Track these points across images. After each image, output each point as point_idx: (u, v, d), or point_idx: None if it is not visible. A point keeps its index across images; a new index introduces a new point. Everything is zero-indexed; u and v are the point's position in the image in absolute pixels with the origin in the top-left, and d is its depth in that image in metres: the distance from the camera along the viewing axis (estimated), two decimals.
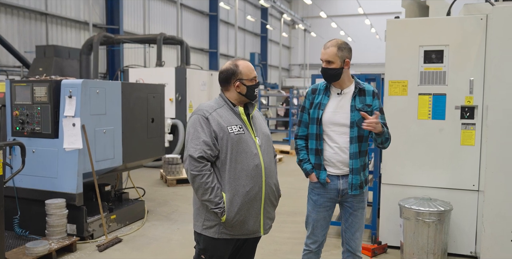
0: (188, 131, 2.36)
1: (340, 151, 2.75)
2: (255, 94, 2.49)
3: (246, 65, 2.45)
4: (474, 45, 3.82)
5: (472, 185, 3.93)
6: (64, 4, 12.87)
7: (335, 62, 2.70)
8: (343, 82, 2.78)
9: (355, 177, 2.76)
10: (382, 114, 2.81)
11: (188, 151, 2.29)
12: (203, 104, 2.44)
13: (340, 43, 2.75)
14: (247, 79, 2.42)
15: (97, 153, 4.45)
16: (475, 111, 3.88)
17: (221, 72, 2.47)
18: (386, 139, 2.77)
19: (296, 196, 6.51)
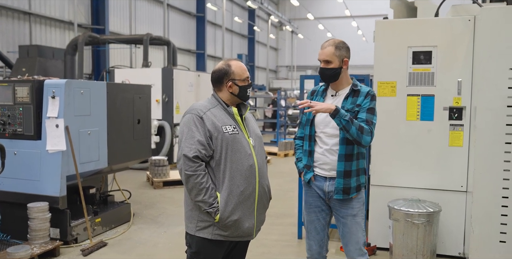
0: (181, 131, 2.32)
1: (327, 153, 2.71)
2: (247, 95, 2.46)
3: (239, 65, 2.42)
4: (462, 46, 3.83)
5: (460, 186, 3.94)
6: (48, 4, 12.67)
7: (333, 61, 2.66)
8: (340, 84, 2.73)
9: (338, 180, 2.69)
10: (368, 113, 2.65)
11: (183, 151, 2.25)
12: (196, 104, 2.40)
13: (338, 42, 2.71)
14: (240, 80, 2.39)
15: (81, 155, 4.35)
16: (463, 112, 3.88)
17: (214, 72, 2.43)
18: (351, 128, 2.53)
19: (284, 197, 6.47)
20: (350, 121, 2.53)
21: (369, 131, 2.60)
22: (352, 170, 2.69)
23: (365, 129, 2.57)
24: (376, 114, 2.71)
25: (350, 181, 2.69)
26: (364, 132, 2.57)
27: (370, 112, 2.67)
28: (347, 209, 2.73)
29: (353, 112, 2.65)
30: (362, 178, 2.76)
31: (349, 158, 2.67)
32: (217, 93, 2.44)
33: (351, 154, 2.68)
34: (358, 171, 2.72)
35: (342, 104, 2.68)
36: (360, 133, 2.56)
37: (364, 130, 2.57)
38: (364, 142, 2.59)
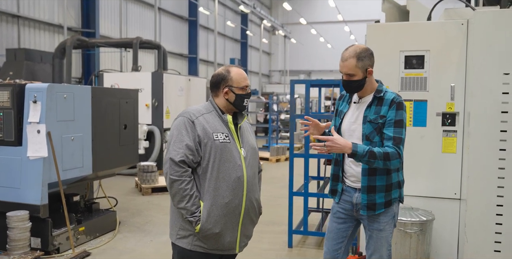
0: (171, 133, 2.24)
1: (353, 164, 2.54)
2: (244, 104, 2.33)
3: (238, 72, 2.33)
4: (455, 51, 3.74)
5: (453, 194, 3.84)
6: (37, 6, 12.50)
7: (357, 74, 2.47)
8: (364, 90, 2.55)
9: (362, 196, 2.50)
10: (396, 128, 2.40)
11: (170, 154, 2.17)
12: (190, 107, 2.33)
13: (359, 51, 2.49)
14: (237, 87, 2.29)
15: (64, 162, 4.20)
16: (456, 118, 3.79)
17: (213, 76, 2.36)
18: (375, 163, 2.33)
19: (275, 204, 6.35)
20: (370, 158, 2.32)
21: (396, 154, 2.36)
22: (378, 186, 2.47)
23: (391, 154, 2.34)
24: (404, 126, 2.45)
25: (374, 197, 2.49)
26: (391, 158, 2.35)
27: (397, 125, 2.41)
28: (373, 222, 2.56)
29: (377, 124, 2.44)
30: (395, 192, 2.53)
31: (373, 173, 2.47)
32: (214, 98, 2.35)
33: (374, 169, 2.46)
34: (388, 187, 2.49)
35: (364, 113, 2.50)
36: (388, 161, 2.35)
37: (390, 156, 2.34)
38: (392, 166, 2.39)
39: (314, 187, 5.83)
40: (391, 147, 2.39)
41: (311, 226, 5.08)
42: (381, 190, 2.49)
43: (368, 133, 2.47)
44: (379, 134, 2.46)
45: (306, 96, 4.29)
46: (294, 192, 4.40)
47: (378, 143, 2.45)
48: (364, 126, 2.48)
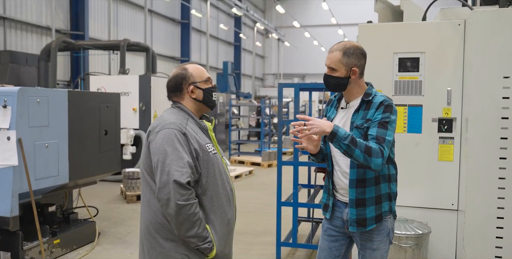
0: (161, 149, 1.90)
1: (342, 176, 2.32)
2: (213, 99, 2.13)
3: (196, 67, 2.13)
4: (451, 53, 3.54)
5: (451, 204, 3.62)
6: (25, 8, 12.21)
7: (339, 70, 2.24)
8: (350, 94, 2.32)
9: (350, 210, 2.26)
10: (380, 128, 2.16)
11: (172, 176, 1.85)
12: (167, 117, 2.00)
13: (349, 46, 2.26)
14: (201, 81, 2.08)
15: (37, 170, 3.94)
16: (453, 124, 3.58)
17: (170, 80, 2.10)
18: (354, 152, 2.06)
19: (264, 213, 6.11)
20: (351, 144, 2.06)
21: (379, 151, 2.09)
22: (368, 198, 2.24)
23: (373, 150, 2.08)
24: (391, 129, 2.20)
25: (365, 211, 2.24)
26: (373, 154, 2.08)
27: (381, 126, 2.17)
28: (366, 241, 2.32)
29: (364, 129, 2.21)
30: (386, 205, 2.29)
31: (362, 184, 2.23)
32: (181, 104, 2.08)
33: (363, 179, 2.23)
34: (378, 198, 2.25)
35: (352, 118, 2.27)
36: (368, 156, 2.07)
37: (372, 152, 2.08)
38: (373, 165, 2.09)
39: (305, 195, 5.60)
40: (375, 144, 2.13)
41: (301, 236, 4.84)
42: (371, 203, 2.26)
43: None
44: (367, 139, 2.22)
45: (295, 100, 4.06)
46: (282, 202, 4.17)
47: None
48: (351, 132, 2.24)
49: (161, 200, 1.88)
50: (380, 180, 2.27)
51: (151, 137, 1.98)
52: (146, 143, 2.01)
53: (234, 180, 8.65)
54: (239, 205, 6.88)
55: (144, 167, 2.02)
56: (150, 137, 1.98)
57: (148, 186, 2.00)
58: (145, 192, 2.03)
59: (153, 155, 1.93)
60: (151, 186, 1.98)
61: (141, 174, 2.07)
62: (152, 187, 1.97)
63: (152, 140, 1.96)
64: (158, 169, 1.90)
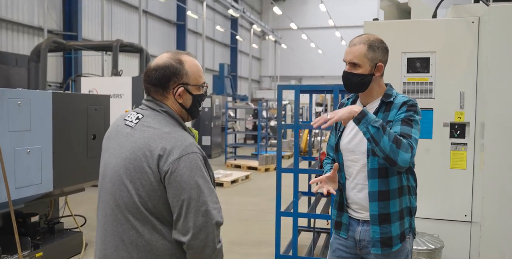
0: (192, 183, 1.47)
1: (356, 189, 2.04)
2: (199, 110, 1.71)
3: (194, 64, 1.64)
4: (464, 52, 3.29)
5: (464, 216, 3.36)
6: (16, 8, 11.90)
7: (363, 65, 1.96)
8: (369, 95, 2.04)
9: (373, 228, 1.96)
10: (404, 125, 1.88)
11: (212, 216, 1.47)
12: (177, 135, 1.55)
13: (373, 39, 2.00)
14: (195, 85, 1.63)
15: (18, 178, 3.65)
16: (466, 129, 3.33)
17: (155, 69, 1.60)
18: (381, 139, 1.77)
19: (262, 220, 5.83)
20: (381, 128, 1.78)
21: (408, 146, 1.81)
22: (393, 213, 1.94)
23: (403, 142, 1.80)
24: (416, 127, 1.92)
25: (390, 229, 1.95)
26: (402, 147, 1.79)
27: (405, 124, 1.89)
28: None
29: None
30: (407, 221, 2.01)
31: (385, 196, 1.94)
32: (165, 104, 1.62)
33: (386, 190, 1.94)
34: (401, 213, 1.97)
35: None
36: (395, 148, 1.78)
37: (401, 144, 1.79)
38: (400, 160, 1.79)
39: (305, 203, 5.33)
40: (403, 138, 1.84)
41: (301, 247, 4.57)
42: (396, 218, 1.96)
43: None
44: None
45: (296, 103, 3.80)
46: (282, 212, 3.89)
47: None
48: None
49: (194, 248, 1.47)
50: (403, 192, 1.99)
51: (168, 165, 1.47)
52: (150, 171, 1.49)
53: (230, 185, 8.38)
54: (235, 212, 6.64)
55: (141, 200, 1.51)
56: (167, 166, 1.47)
57: (147, 224, 1.52)
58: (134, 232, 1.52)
59: (179, 192, 1.46)
60: (154, 225, 1.52)
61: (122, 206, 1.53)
62: (157, 227, 1.52)
63: (174, 171, 1.46)
64: (190, 210, 1.46)
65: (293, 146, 3.78)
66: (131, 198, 1.51)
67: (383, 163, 1.91)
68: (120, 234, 1.54)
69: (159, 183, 1.49)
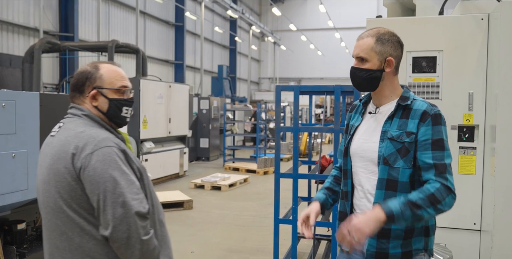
0: (106, 176, 1.48)
1: (365, 198, 1.85)
2: (123, 115, 1.70)
3: (112, 69, 1.69)
4: (473, 51, 3.11)
5: (472, 224, 3.18)
6: (11, 8, 11.74)
7: (370, 60, 1.79)
8: (382, 94, 1.84)
9: (370, 241, 1.79)
10: (436, 150, 1.70)
11: (130, 207, 1.47)
12: (92, 132, 1.57)
13: (383, 32, 1.84)
14: (110, 89, 1.66)
15: (2, 184, 3.46)
16: (475, 132, 3.15)
17: (74, 75, 1.71)
18: (423, 215, 1.63)
19: (260, 226, 5.64)
20: (414, 209, 1.61)
21: (445, 189, 1.65)
22: (393, 229, 1.76)
23: (436, 194, 1.63)
24: (448, 146, 1.76)
25: (387, 245, 1.77)
26: (441, 197, 1.63)
27: (437, 147, 1.70)
28: None
29: (401, 143, 1.74)
30: (419, 241, 1.79)
31: None
32: (80, 106, 1.67)
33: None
34: (408, 233, 1.76)
35: (383, 127, 1.80)
36: (439, 204, 1.63)
37: (439, 196, 1.63)
38: (447, 208, 1.66)
39: (305, 208, 5.14)
40: (434, 181, 1.66)
41: (301, 255, 4.39)
42: (397, 236, 1.77)
43: (387, 154, 1.75)
44: (404, 157, 1.74)
45: (295, 104, 3.62)
46: (280, 219, 3.71)
47: (401, 171, 1.74)
48: (381, 145, 1.78)
49: (118, 241, 1.46)
50: None
51: (80, 162, 1.49)
52: (66, 170, 1.51)
53: (228, 189, 8.19)
54: (232, 218, 6.45)
55: (65, 203, 1.52)
56: (80, 162, 1.49)
57: (76, 228, 1.52)
58: (65, 237, 1.54)
59: (94, 186, 1.48)
60: (82, 227, 1.52)
61: (51, 213, 1.56)
62: (85, 228, 1.52)
63: (86, 166, 1.48)
64: (107, 203, 1.46)
65: (292, 149, 3.59)
66: (56, 203, 1.53)
67: (395, 175, 1.74)
68: (54, 240, 1.57)
69: (77, 181, 1.50)
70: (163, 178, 8.92)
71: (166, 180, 9.03)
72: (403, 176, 1.74)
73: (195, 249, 4.76)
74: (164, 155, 8.87)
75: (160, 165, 8.71)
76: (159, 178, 8.77)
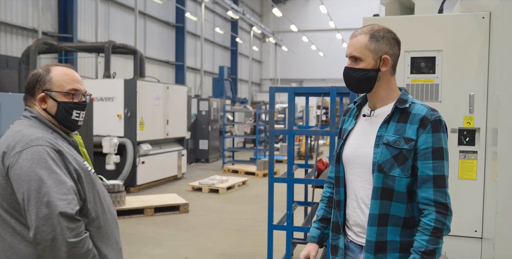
0: (31, 175, 1.45)
1: (358, 208, 1.72)
2: (73, 119, 1.67)
3: (63, 72, 1.67)
4: (474, 51, 2.99)
5: (473, 231, 3.05)
6: (10, 9, 11.67)
7: (364, 59, 1.66)
8: (377, 96, 1.71)
9: (367, 255, 1.66)
10: (436, 160, 1.60)
11: (55, 207, 1.43)
12: (28, 131, 1.55)
13: (377, 29, 1.69)
14: (59, 92, 1.64)
15: None
16: (476, 136, 3.02)
17: (27, 77, 1.72)
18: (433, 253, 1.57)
19: (256, 231, 5.51)
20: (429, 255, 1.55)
21: (442, 214, 1.57)
22: (390, 241, 1.63)
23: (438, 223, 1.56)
24: (447, 158, 1.65)
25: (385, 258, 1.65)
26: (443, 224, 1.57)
27: (437, 156, 1.60)
28: None
29: (399, 149, 1.61)
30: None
31: (384, 221, 1.63)
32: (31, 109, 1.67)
33: (391, 215, 1.63)
34: (404, 245, 1.63)
35: (378, 131, 1.66)
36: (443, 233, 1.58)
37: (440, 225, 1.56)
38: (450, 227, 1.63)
39: (301, 213, 5.02)
40: (429, 211, 1.58)
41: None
42: (394, 248, 1.63)
43: (382, 161, 1.62)
44: (401, 165, 1.61)
45: (290, 106, 3.50)
46: (274, 226, 3.59)
47: (397, 180, 1.61)
48: (376, 151, 1.64)
49: (42, 242, 1.42)
50: (401, 223, 1.64)
51: (9, 160, 1.48)
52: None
53: (226, 192, 8.08)
54: (229, 221, 6.32)
55: (0, 206, 1.52)
56: (8, 161, 1.48)
57: (8, 228, 1.51)
58: (3, 236, 1.53)
59: (19, 185, 1.45)
60: (13, 227, 1.50)
61: None
62: (16, 229, 1.50)
63: (14, 164, 1.46)
64: (31, 202, 1.43)
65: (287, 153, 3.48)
66: None
67: (391, 184, 1.62)
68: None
69: (6, 180, 1.49)
70: (160, 180, 8.81)
71: (164, 183, 8.92)
72: (400, 186, 1.62)
73: (189, 254, 4.65)
74: (162, 157, 8.76)
75: (157, 167, 8.60)
76: (157, 181, 8.66)
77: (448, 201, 1.61)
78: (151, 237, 5.20)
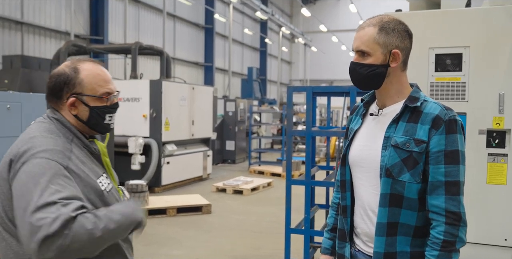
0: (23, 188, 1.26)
1: (365, 216, 1.59)
2: (106, 123, 1.50)
3: (94, 71, 1.47)
4: (504, 47, 2.79)
5: (503, 240, 2.85)
6: (43, 13, 12.04)
7: (373, 53, 1.51)
8: (386, 94, 1.57)
9: None
10: (449, 164, 1.44)
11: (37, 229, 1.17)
12: (41, 140, 1.35)
13: (387, 20, 1.53)
14: (91, 96, 1.45)
15: None
16: (506, 137, 2.82)
17: (50, 77, 1.48)
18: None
19: (276, 233, 5.41)
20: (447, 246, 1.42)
21: (453, 225, 1.42)
22: (400, 252, 1.50)
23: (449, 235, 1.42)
24: (462, 160, 1.49)
25: None
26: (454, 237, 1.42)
27: (451, 160, 1.45)
28: None
29: (409, 152, 1.47)
30: None
31: (393, 230, 1.50)
32: (61, 115, 1.47)
33: (401, 224, 1.49)
34: (414, 255, 1.50)
35: (386, 131, 1.52)
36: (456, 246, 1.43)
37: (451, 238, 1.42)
38: (465, 239, 1.47)
39: (322, 216, 4.88)
40: (441, 215, 1.43)
41: None
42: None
43: (390, 165, 1.48)
44: (411, 170, 1.47)
45: (308, 106, 3.39)
46: (292, 229, 3.48)
47: (407, 185, 1.47)
48: (384, 153, 1.50)
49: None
50: (412, 232, 1.51)
51: (13, 171, 1.31)
52: (4, 177, 1.35)
53: (250, 193, 8.00)
54: (250, 223, 6.22)
55: (4, 210, 1.36)
56: (12, 172, 1.31)
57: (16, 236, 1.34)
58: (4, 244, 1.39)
59: (14, 199, 1.27)
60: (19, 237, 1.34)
61: None
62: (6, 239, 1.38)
63: (14, 175, 1.29)
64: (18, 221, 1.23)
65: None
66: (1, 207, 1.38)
67: (400, 189, 1.48)
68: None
69: (9, 189, 1.33)
70: (185, 181, 8.83)
71: (189, 183, 8.94)
72: (410, 192, 1.48)
73: (204, 256, 4.60)
74: (187, 157, 8.79)
75: (182, 168, 8.63)
76: (182, 181, 8.69)
77: (461, 210, 1.46)
78: (171, 238, 5.18)
